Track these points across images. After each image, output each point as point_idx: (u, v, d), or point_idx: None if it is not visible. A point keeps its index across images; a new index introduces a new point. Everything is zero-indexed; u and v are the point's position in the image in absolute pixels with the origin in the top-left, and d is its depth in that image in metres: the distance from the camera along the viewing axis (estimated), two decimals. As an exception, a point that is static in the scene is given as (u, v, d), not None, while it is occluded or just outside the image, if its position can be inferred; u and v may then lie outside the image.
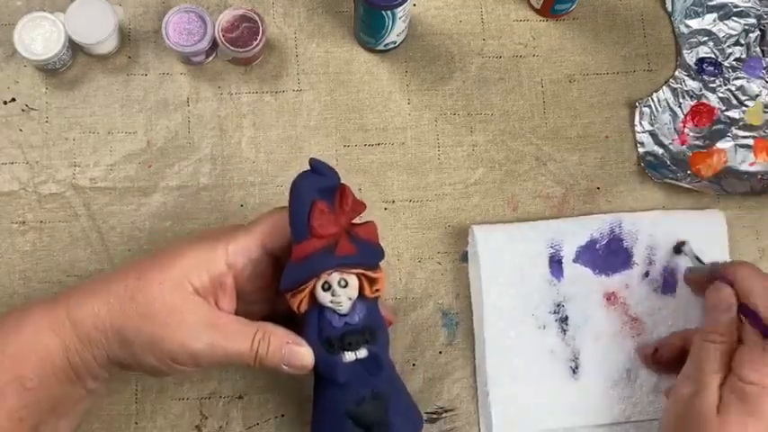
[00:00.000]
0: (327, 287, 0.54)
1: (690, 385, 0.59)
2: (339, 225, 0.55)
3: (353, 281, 0.54)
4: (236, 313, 0.57)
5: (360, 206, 0.56)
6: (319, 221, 0.54)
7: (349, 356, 0.55)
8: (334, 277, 0.54)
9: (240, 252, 0.56)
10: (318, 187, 0.55)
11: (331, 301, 0.54)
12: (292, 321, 0.57)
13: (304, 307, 0.55)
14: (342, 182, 0.56)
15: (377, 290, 0.55)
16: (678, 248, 0.70)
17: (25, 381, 0.54)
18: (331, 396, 0.56)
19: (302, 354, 0.55)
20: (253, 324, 0.56)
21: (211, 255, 0.56)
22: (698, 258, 0.68)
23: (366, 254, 0.55)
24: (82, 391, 0.57)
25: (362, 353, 0.55)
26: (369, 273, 0.55)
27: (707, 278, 0.64)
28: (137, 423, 0.67)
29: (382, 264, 0.57)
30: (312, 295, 0.54)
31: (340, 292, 0.54)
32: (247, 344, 0.55)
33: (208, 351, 0.54)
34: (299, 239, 0.54)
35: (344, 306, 0.55)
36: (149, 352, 0.54)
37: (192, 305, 0.54)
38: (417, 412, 0.59)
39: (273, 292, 0.58)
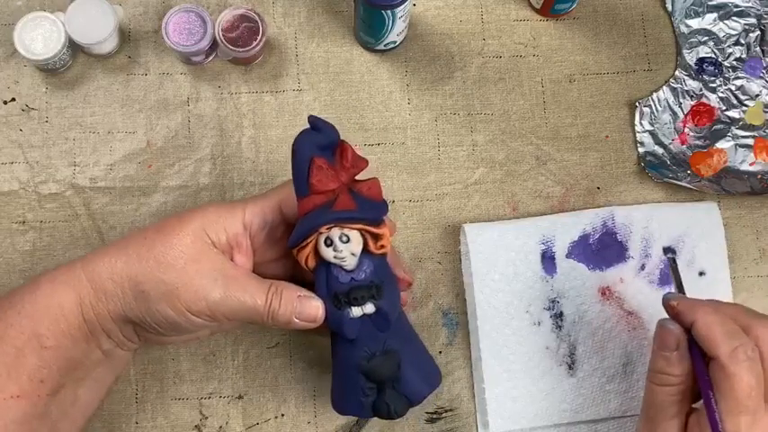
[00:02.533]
0: (330, 243, 0.54)
1: (648, 430, 0.56)
2: (339, 181, 0.55)
3: (356, 236, 0.54)
4: None
5: (361, 162, 0.56)
6: (318, 177, 0.54)
7: (356, 311, 0.55)
8: (335, 232, 0.54)
9: (257, 214, 0.57)
10: (319, 144, 0.55)
11: (335, 257, 0.54)
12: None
13: (311, 263, 0.55)
14: (342, 138, 0.56)
15: (382, 246, 0.55)
16: (666, 251, 0.70)
17: (42, 339, 0.54)
18: (344, 352, 0.56)
19: (313, 305, 0.55)
20: (266, 280, 0.56)
21: (229, 214, 0.57)
22: (676, 273, 0.67)
23: (367, 209, 0.55)
24: (97, 351, 0.57)
25: (369, 308, 0.55)
26: (371, 228, 0.55)
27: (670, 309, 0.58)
28: (137, 423, 0.67)
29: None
30: (317, 251, 0.55)
31: (342, 248, 0.54)
32: (262, 297, 0.55)
33: (223, 301, 0.54)
34: (300, 196, 0.55)
35: (348, 262, 0.54)
36: (165, 302, 0.54)
37: (209, 255, 0.55)
38: (435, 367, 0.59)
39: (291, 261, 0.59)
